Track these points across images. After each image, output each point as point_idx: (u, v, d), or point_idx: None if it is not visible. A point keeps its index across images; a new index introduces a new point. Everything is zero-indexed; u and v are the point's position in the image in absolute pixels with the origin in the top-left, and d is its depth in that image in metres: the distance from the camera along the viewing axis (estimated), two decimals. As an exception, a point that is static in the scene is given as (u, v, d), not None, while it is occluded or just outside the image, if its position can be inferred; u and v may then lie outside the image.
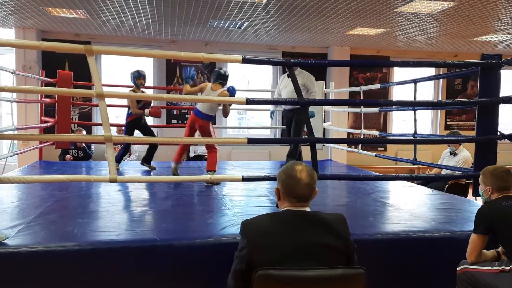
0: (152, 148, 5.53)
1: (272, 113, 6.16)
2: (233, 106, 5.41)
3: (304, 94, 4.83)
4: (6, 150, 7.49)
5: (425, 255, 2.72)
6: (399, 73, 9.47)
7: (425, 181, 5.10)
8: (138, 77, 5.24)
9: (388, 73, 9.43)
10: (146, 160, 5.54)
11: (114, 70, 8.66)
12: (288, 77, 4.67)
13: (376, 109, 5.78)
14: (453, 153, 5.26)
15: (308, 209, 1.82)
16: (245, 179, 2.98)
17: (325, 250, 1.71)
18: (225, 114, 4.56)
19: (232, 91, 4.32)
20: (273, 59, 2.98)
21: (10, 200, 3.43)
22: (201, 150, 8.08)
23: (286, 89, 5.22)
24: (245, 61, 2.85)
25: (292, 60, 2.96)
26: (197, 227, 2.83)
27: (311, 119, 3.46)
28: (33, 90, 2.74)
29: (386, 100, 3.27)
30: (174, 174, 4.56)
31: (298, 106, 4.74)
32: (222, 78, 4.46)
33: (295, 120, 5.22)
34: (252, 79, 9.50)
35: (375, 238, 2.71)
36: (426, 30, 7.02)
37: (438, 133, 9.78)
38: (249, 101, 2.89)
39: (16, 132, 4.34)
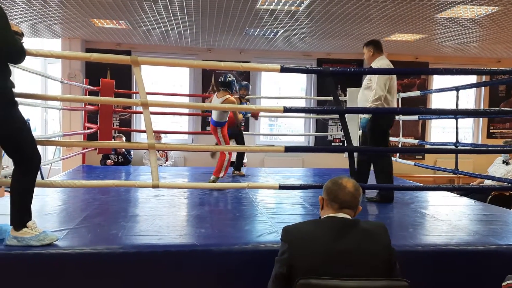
0: (240, 155, 5.79)
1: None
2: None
3: (368, 92, 4.01)
4: (51, 154, 7.86)
5: (469, 268, 2.64)
6: (438, 80, 9.25)
7: (467, 192, 4.94)
8: (241, 87, 5.63)
9: (427, 79, 9.22)
10: (237, 167, 5.75)
11: (151, 75, 8.89)
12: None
13: (415, 117, 5.65)
14: (506, 162, 5.06)
15: (349, 217, 1.83)
16: (282, 187, 3.00)
17: (366, 257, 1.71)
18: (236, 120, 4.70)
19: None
20: (310, 68, 2.99)
21: (57, 203, 3.59)
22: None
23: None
24: (283, 70, 2.88)
25: (330, 69, 2.97)
26: (234, 233, 2.87)
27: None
28: (82, 99, 2.90)
29: (427, 108, 3.15)
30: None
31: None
32: (223, 85, 4.63)
33: (369, 129, 4.09)
34: (283, 86, 9.52)
35: (416, 250, 2.66)
36: (468, 35, 6.84)
37: (479, 142, 9.47)
38: (286, 110, 2.91)
39: (62, 138, 4.55)
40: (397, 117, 6.09)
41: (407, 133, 8.97)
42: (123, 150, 7.52)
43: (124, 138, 7.72)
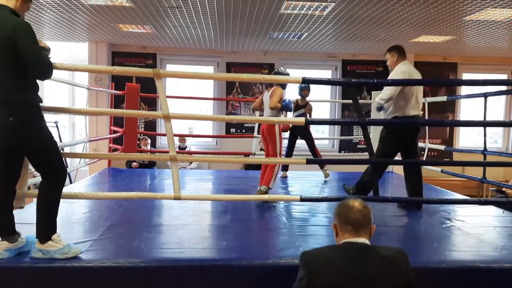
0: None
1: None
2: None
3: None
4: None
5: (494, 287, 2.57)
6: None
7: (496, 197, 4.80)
8: (303, 88, 5.69)
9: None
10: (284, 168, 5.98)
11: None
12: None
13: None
14: None
15: (367, 241, 1.80)
16: (303, 199, 2.99)
17: (385, 285, 1.69)
18: (271, 104, 4.13)
19: (288, 105, 4.22)
20: (333, 79, 2.96)
21: (83, 211, 3.65)
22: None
23: None
24: (304, 82, 2.86)
25: (353, 80, 2.92)
26: (256, 246, 2.87)
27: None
28: (106, 112, 2.95)
29: (451, 120, 3.03)
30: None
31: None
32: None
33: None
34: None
35: (440, 267, 2.60)
36: (498, 36, 6.62)
37: (510, 144, 9.19)
38: (308, 122, 2.89)
39: (88, 143, 4.66)
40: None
41: (434, 135, 8.75)
42: (149, 153, 7.64)
43: (149, 141, 7.84)
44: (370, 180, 3.80)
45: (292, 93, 6.65)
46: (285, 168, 6.01)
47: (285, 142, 5.82)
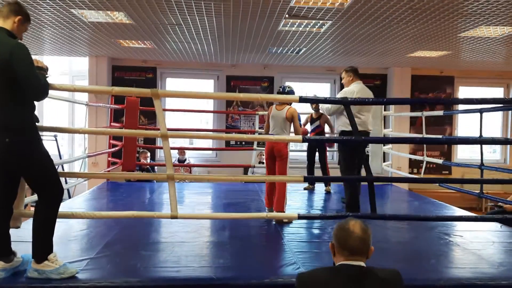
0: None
1: None
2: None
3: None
4: (77, 167, 8.07)
5: (491, 306, 2.57)
6: (464, 94, 9.06)
7: (492, 212, 4.79)
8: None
9: (453, 93, 9.04)
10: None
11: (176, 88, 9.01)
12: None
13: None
14: None
15: (363, 264, 1.80)
16: (301, 217, 3.00)
17: None
18: (296, 132, 4.17)
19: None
20: (329, 98, 2.99)
21: (80, 228, 3.64)
22: (261, 171, 8.09)
23: None
24: (302, 100, 2.89)
25: (349, 99, 2.95)
26: (253, 264, 2.87)
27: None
28: (104, 132, 2.98)
29: (447, 138, 3.10)
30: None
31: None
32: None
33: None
34: (309, 95, 9.50)
35: (438, 285, 2.60)
36: (493, 51, 6.69)
37: (508, 154, 9.22)
38: (305, 140, 2.92)
39: (87, 159, 4.68)
40: (420, 135, 5.99)
41: (433, 148, 8.77)
42: (148, 166, 7.65)
43: (148, 154, 7.84)
44: (352, 197, 4.12)
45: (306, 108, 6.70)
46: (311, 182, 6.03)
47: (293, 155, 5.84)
